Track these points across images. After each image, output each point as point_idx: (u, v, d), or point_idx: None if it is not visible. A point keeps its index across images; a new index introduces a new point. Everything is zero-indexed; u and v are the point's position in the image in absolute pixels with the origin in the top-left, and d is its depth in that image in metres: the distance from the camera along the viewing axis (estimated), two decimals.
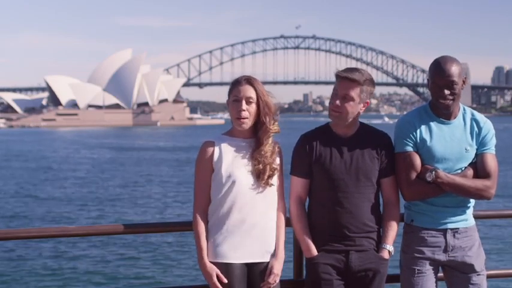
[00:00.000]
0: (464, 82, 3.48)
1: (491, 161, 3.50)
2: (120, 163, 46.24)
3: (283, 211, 3.52)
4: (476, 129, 3.54)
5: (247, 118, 3.38)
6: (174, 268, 15.12)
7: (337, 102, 3.43)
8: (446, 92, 3.42)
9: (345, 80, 3.42)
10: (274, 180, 3.42)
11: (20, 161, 48.33)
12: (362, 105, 3.46)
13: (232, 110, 3.40)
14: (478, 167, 3.50)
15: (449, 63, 3.43)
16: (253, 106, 3.38)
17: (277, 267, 3.40)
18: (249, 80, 3.40)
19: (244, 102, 3.37)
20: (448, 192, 3.46)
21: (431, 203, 3.52)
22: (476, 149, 3.53)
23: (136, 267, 15.23)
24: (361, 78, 3.41)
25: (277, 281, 3.41)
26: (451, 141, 3.50)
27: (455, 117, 3.54)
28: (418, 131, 3.51)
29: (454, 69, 3.41)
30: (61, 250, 16.85)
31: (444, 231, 3.53)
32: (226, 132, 3.51)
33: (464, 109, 3.59)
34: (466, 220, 3.58)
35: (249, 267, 3.40)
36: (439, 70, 3.43)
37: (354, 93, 3.41)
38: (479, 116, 3.59)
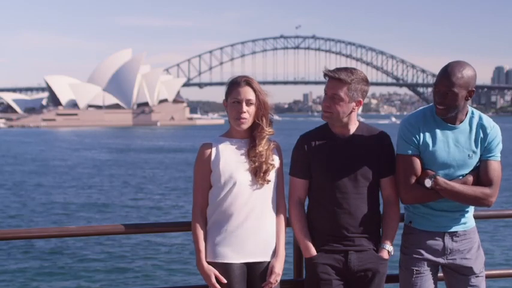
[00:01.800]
0: (470, 94, 3.35)
1: (494, 169, 3.42)
2: (119, 164, 46.22)
3: (284, 211, 3.52)
4: (481, 135, 3.44)
5: (247, 119, 3.38)
6: (174, 268, 15.11)
7: (326, 102, 3.44)
8: (441, 99, 3.33)
9: (332, 80, 3.41)
10: (272, 176, 3.41)
11: (18, 162, 48.31)
12: (354, 104, 3.44)
13: (232, 111, 3.40)
14: (481, 174, 3.43)
15: (456, 70, 3.30)
16: (253, 107, 3.39)
17: (278, 267, 3.40)
18: (248, 81, 3.40)
19: (244, 104, 3.37)
20: None
21: (430, 206, 3.49)
22: (481, 155, 3.45)
23: (136, 267, 15.22)
24: (348, 77, 3.38)
25: (278, 280, 3.42)
26: (454, 147, 3.43)
27: (460, 122, 3.45)
28: (421, 134, 3.44)
29: (456, 79, 3.28)
30: (61, 250, 16.85)
31: (442, 235, 3.50)
32: (224, 134, 3.51)
33: (472, 113, 3.48)
34: (465, 223, 3.54)
35: (249, 267, 3.40)
36: (441, 76, 3.34)
37: (342, 92, 3.39)
38: (487, 121, 3.47)
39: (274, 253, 3.44)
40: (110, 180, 34.81)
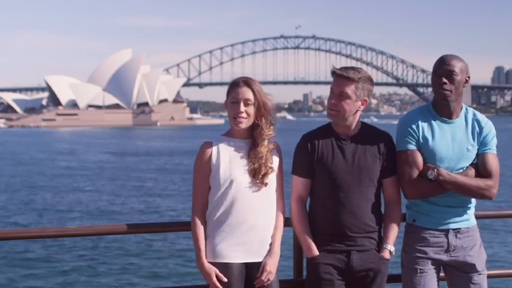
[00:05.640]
0: (466, 81, 3.49)
1: (492, 161, 3.50)
2: (119, 164, 46.23)
3: (282, 211, 3.52)
4: (477, 129, 3.54)
5: (245, 118, 3.39)
6: (174, 268, 15.12)
7: (333, 100, 3.44)
8: (444, 80, 3.43)
9: (340, 78, 3.42)
10: (270, 179, 3.41)
11: (14, 162, 48.30)
12: (360, 103, 3.45)
13: (230, 111, 3.42)
14: (480, 167, 3.50)
15: (452, 57, 3.49)
16: (252, 107, 3.40)
17: (270, 264, 3.39)
18: (247, 82, 3.42)
19: (242, 104, 3.39)
20: (450, 192, 3.46)
21: (433, 202, 3.52)
22: (478, 149, 3.53)
23: (136, 267, 15.23)
24: (356, 76, 3.40)
25: (271, 278, 3.40)
26: (452, 141, 3.50)
27: (457, 117, 3.54)
28: (420, 129, 3.51)
29: (455, 62, 3.45)
30: (61, 250, 16.86)
31: (446, 232, 3.53)
32: (224, 133, 3.52)
33: (466, 109, 3.59)
34: (468, 220, 3.58)
35: (248, 266, 3.40)
36: (440, 60, 3.48)
37: (349, 90, 3.40)
38: (481, 116, 3.59)
39: (269, 252, 3.44)
40: (108, 182, 34.79)
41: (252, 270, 3.40)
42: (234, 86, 3.43)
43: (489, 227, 18.42)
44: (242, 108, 3.38)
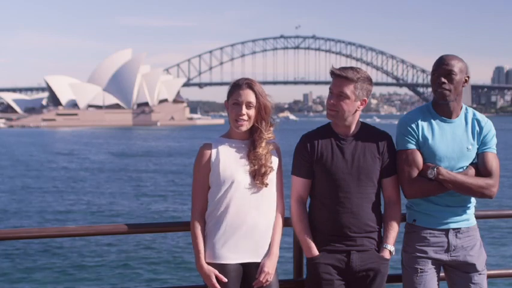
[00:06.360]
0: (466, 81, 3.50)
1: (492, 160, 3.51)
2: (119, 164, 46.20)
3: (282, 211, 3.52)
4: (477, 128, 3.55)
5: (246, 121, 3.40)
6: (174, 268, 15.12)
7: (332, 100, 3.44)
8: (443, 79, 3.44)
9: (338, 78, 3.43)
10: (270, 179, 3.42)
11: (17, 163, 48.28)
12: (359, 103, 3.46)
13: (232, 112, 3.42)
14: (480, 166, 3.51)
15: (451, 56, 3.50)
16: (253, 110, 3.40)
17: (269, 265, 3.39)
18: (250, 84, 3.41)
19: (244, 106, 3.39)
20: (450, 192, 3.47)
21: (434, 202, 3.52)
22: (478, 149, 3.54)
23: (136, 267, 15.22)
24: (355, 76, 3.41)
25: (270, 279, 3.40)
26: (452, 140, 3.51)
27: (457, 116, 3.55)
28: (420, 129, 3.51)
29: (455, 62, 3.46)
30: (61, 250, 16.85)
31: (446, 231, 3.53)
32: (224, 134, 3.53)
33: (466, 109, 3.61)
34: (468, 220, 3.59)
35: (245, 267, 3.40)
36: (439, 60, 3.49)
37: (348, 90, 3.41)
38: (481, 116, 3.61)
39: (268, 252, 3.44)
40: (108, 182, 34.78)
41: (250, 270, 3.40)
42: (236, 87, 3.42)
43: (489, 227, 18.42)
44: (244, 110, 3.38)
